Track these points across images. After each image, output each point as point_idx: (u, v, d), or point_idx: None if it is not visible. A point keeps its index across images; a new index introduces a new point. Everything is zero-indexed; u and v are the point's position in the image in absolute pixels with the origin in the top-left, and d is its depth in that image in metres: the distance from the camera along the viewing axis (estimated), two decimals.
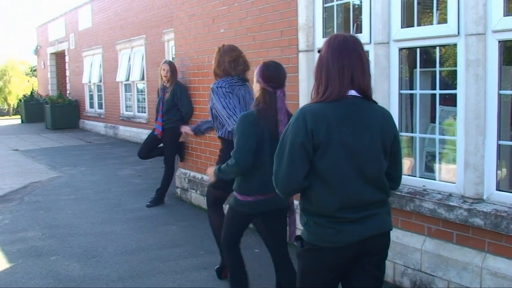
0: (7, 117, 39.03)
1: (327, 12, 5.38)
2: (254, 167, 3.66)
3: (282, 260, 4.00)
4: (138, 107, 17.06)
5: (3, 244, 6.12)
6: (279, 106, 3.71)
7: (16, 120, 30.95)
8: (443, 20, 4.32)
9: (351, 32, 5.07)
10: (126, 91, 17.90)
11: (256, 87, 3.82)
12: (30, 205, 8.06)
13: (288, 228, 3.87)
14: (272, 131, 3.65)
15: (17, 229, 6.76)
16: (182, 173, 8.17)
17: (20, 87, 44.70)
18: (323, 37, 5.32)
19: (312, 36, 5.42)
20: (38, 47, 28.19)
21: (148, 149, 8.04)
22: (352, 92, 2.55)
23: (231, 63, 4.74)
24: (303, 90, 5.52)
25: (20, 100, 29.37)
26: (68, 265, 5.35)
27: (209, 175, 4.20)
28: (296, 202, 3.64)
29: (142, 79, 16.31)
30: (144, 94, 16.46)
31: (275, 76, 3.75)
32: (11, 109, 44.38)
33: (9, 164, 12.30)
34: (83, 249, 5.85)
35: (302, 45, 5.52)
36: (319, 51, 2.66)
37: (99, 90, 20.29)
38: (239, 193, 3.83)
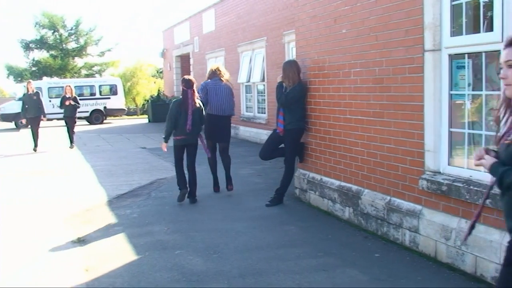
0: (135, 116, 41.22)
1: (455, 10, 5.16)
2: (177, 125, 8.06)
3: (192, 172, 8.28)
4: (258, 108, 17.35)
5: (131, 237, 6.47)
6: (189, 97, 8.00)
7: (143, 119, 32.65)
8: None
9: (481, 31, 4.83)
10: (246, 92, 18.27)
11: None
12: (156, 201, 8.46)
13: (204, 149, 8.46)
14: (185, 112, 7.98)
15: (144, 223, 7.11)
16: (301, 174, 8.19)
17: (147, 88, 47.07)
18: (450, 36, 5.11)
19: (439, 35, 5.21)
20: (165, 50, 29.54)
21: (269, 150, 8.14)
22: None
23: (211, 74, 8.97)
24: (428, 90, 5.32)
25: (147, 101, 30.91)
26: (192, 260, 5.54)
27: None
28: None
29: (263, 80, 16.56)
30: (264, 95, 16.70)
31: (185, 83, 8.07)
32: (138, 109, 46.75)
33: (137, 161, 12.99)
34: (205, 245, 6.04)
35: (428, 45, 5.32)
36: None
37: None
38: (173, 136, 8.14)
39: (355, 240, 6.12)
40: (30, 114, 15.81)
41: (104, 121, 30.00)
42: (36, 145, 15.71)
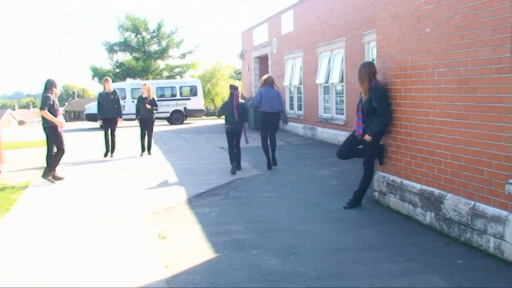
0: (214, 117, 41.81)
1: None
2: (227, 117, 11.49)
3: (237, 150, 11.53)
4: (336, 109, 17.19)
5: (210, 235, 6.57)
6: (235, 97, 11.33)
7: (222, 120, 33.02)
8: None
9: None
10: (324, 93, 18.15)
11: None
12: (234, 200, 8.55)
13: (244, 137, 11.65)
14: (232, 106, 11.27)
15: (222, 222, 7.21)
16: (380, 176, 8.05)
17: (225, 89, 47.77)
18: None
19: None
20: (243, 52, 29.81)
21: (347, 150, 8.04)
22: None
23: (263, 83, 11.92)
24: None
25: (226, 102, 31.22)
26: (269, 260, 5.56)
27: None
28: None
29: (341, 81, 16.40)
30: (343, 96, 16.54)
31: (232, 87, 11.42)
32: (217, 109, 47.47)
33: (216, 161, 13.19)
34: (282, 245, 6.04)
35: None
36: None
37: (298, 92, 20.84)
38: (225, 125, 11.71)
39: (437, 246, 5.95)
40: (107, 115, 14.47)
41: (184, 122, 30.66)
42: (113, 150, 14.60)
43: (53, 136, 10.49)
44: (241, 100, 11.53)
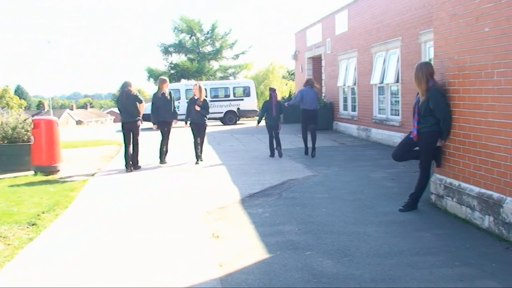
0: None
1: None
2: (267, 114, 14.38)
3: (277, 140, 14.23)
4: (391, 109, 16.94)
5: (263, 236, 6.59)
6: (273, 98, 14.26)
7: None
8: None
9: None
10: (379, 94, 17.92)
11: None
12: (287, 201, 8.55)
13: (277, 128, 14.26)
14: (271, 106, 14.17)
15: (275, 222, 7.22)
16: (437, 179, 7.88)
17: (278, 90, 47.76)
18: None
19: None
20: (297, 52, 29.75)
21: (403, 151, 7.91)
22: None
23: (305, 83, 14.76)
24: None
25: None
26: (322, 261, 5.54)
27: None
28: None
29: (397, 81, 16.15)
30: (398, 97, 16.29)
31: (271, 90, 14.64)
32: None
33: (269, 162, 13.23)
34: (336, 247, 6.00)
35: None
36: None
37: (352, 93, 20.64)
38: (266, 120, 14.51)
39: (495, 251, 5.78)
40: (164, 118, 13.28)
41: (237, 122, 30.85)
42: (166, 153, 13.43)
43: (137, 130, 12.49)
44: (279, 100, 14.56)
